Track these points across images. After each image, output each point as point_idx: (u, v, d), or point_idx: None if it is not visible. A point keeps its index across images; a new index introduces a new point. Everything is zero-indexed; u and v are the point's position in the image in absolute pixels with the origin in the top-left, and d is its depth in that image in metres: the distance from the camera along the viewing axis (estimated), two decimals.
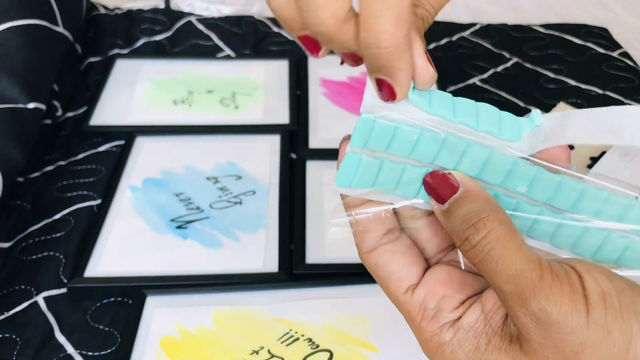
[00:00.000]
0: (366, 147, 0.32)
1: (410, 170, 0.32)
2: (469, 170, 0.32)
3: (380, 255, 0.33)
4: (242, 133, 0.74)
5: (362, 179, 0.32)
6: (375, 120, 0.31)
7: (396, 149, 0.32)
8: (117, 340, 0.53)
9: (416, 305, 0.32)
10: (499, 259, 0.28)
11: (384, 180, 0.32)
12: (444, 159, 0.32)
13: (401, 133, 0.31)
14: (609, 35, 0.95)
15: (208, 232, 0.61)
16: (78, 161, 0.72)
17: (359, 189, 0.33)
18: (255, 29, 0.96)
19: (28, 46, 0.71)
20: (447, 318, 0.31)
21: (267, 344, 0.51)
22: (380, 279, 0.33)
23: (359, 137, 0.32)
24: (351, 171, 0.33)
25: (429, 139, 0.31)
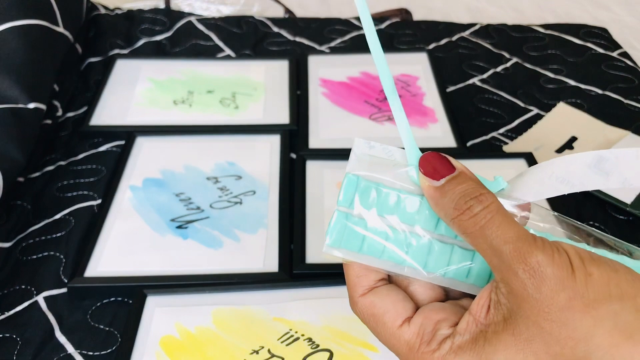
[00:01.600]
0: (352, 206, 0.35)
1: (396, 235, 0.35)
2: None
3: (375, 294, 0.35)
4: (242, 133, 0.74)
5: (351, 241, 0.35)
6: (359, 178, 0.35)
7: (380, 208, 0.35)
8: (117, 340, 0.53)
9: (414, 332, 0.33)
10: (500, 224, 0.31)
11: (369, 244, 0.35)
12: (424, 220, 0.35)
13: (382, 194, 0.35)
14: (608, 35, 0.95)
15: (208, 232, 0.61)
16: (78, 161, 0.72)
17: (348, 253, 0.35)
18: (255, 29, 0.96)
19: (28, 46, 0.71)
20: (444, 334, 0.33)
21: (267, 344, 0.51)
22: (375, 317, 0.35)
23: (346, 195, 0.35)
24: (340, 231, 0.35)
25: (408, 201, 0.35)
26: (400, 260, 0.35)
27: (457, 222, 0.33)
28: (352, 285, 0.36)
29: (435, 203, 0.34)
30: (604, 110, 0.80)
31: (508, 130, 0.77)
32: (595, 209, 0.66)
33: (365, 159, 0.35)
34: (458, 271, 0.35)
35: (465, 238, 0.33)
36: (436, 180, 0.34)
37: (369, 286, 0.35)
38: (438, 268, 0.35)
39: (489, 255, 0.31)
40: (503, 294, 0.31)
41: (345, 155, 0.70)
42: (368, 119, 0.76)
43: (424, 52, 0.88)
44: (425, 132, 0.74)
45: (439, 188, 0.34)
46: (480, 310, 0.32)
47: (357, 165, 0.35)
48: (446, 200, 0.33)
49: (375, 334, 0.35)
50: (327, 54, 0.90)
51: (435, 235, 0.35)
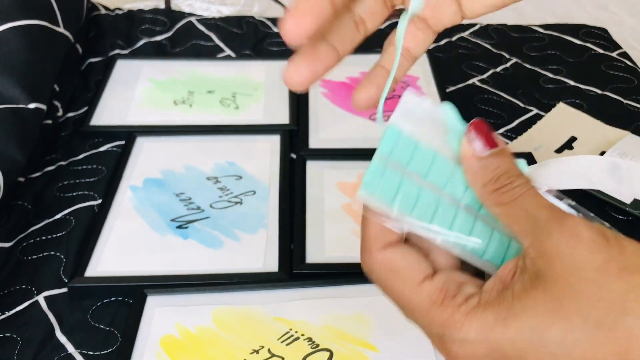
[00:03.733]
0: (391, 158, 0.35)
1: (426, 194, 0.34)
2: None
3: (396, 249, 0.34)
4: (243, 133, 0.74)
5: (385, 190, 0.34)
6: (401, 132, 0.35)
7: (415, 167, 0.34)
8: (117, 339, 0.53)
9: (437, 287, 0.33)
10: (536, 195, 0.32)
11: (402, 197, 0.34)
12: (453, 187, 0.35)
13: (420, 152, 0.34)
14: (608, 35, 0.96)
15: (208, 232, 0.61)
16: (79, 161, 0.72)
17: (380, 203, 0.34)
18: (255, 29, 0.96)
19: (29, 46, 0.71)
20: (470, 292, 0.32)
21: (267, 344, 0.51)
22: (394, 271, 0.34)
23: (386, 146, 0.35)
24: (376, 179, 0.34)
25: (441, 165, 0.35)
26: (428, 219, 0.34)
27: (495, 194, 0.33)
28: (372, 238, 0.35)
29: (473, 172, 0.34)
30: (604, 110, 0.80)
31: (508, 131, 0.77)
32: (594, 208, 0.66)
33: (410, 114, 0.35)
34: (477, 246, 0.35)
35: (497, 209, 0.33)
36: (481, 150, 0.34)
37: (389, 242, 0.34)
38: (460, 237, 0.35)
39: (521, 221, 0.31)
40: (531, 259, 0.31)
41: (345, 155, 0.70)
42: (368, 119, 0.76)
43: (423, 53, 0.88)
44: None
45: (481, 159, 0.33)
46: (507, 274, 0.32)
47: (401, 118, 0.35)
48: (486, 172, 0.33)
49: (389, 291, 0.34)
50: None
51: (460, 204, 0.35)
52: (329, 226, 0.62)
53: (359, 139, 0.73)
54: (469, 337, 0.31)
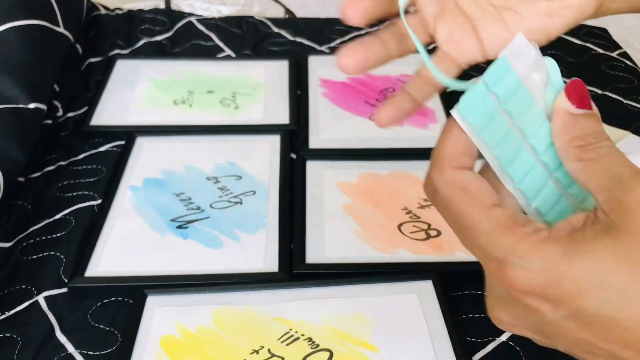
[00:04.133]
0: (493, 88, 0.34)
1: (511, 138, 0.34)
2: None
3: (469, 172, 0.34)
4: (242, 133, 0.74)
5: (478, 118, 0.34)
6: (510, 66, 0.34)
7: (511, 106, 0.34)
8: (117, 339, 0.53)
9: (507, 214, 0.32)
10: (621, 155, 0.33)
11: (491, 131, 0.34)
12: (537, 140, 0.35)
13: (519, 93, 0.34)
14: (608, 35, 0.96)
15: (208, 232, 0.61)
16: (79, 161, 0.72)
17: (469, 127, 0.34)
18: (255, 29, 0.96)
19: (29, 46, 0.71)
20: (541, 225, 0.32)
21: (267, 344, 0.51)
22: (466, 191, 0.33)
23: (492, 75, 0.34)
24: (473, 104, 0.34)
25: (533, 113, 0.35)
26: (506, 163, 0.34)
27: (578, 149, 0.33)
28: (448, 157, 0.34)
29: (563, 127, 0.34)
30: (604, 110, 0.78)
31: None
32: None
33: (519, 55, 0.35)
34: (543, 204, 0.35)
35: (577, 165, 0.33)
36: (576, 108, 0.34)
37: (464, 164, 0.34)
38: (529, 190, 0.35)
39: (600, 178, 0.31)
40: (604, 212, 0.31)
41: (345, 155, 0.70)
42: (368, 119, 0.76)
43: None
44: (425, 132, 0.74)
45: (574, 115, 0.34)
46: (578, 220, 0.31)
47: (511, 55, 0.35)
48: (576, 129, 0.34)
49: (455, 211, 0.33)
50: (327, 54, 0.90)
51: (538, 159, 0.35)
52: (329, 226, 0.62)
53: (359, 139, 0.73)
54: (532, 266, 0.30)
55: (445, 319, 0.52)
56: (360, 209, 0.64)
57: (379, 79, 0.83)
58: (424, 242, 0.60)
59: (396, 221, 0.62)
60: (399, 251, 0.59)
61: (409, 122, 0.76)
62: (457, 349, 0.50)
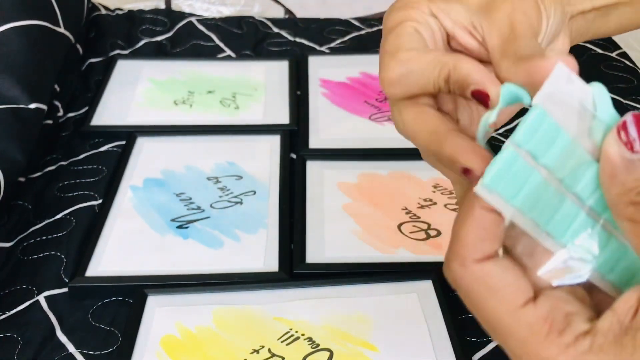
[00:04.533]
0: (527, 147, 0.28)
1: (550, 192, 0.29)
2: None
3: (496, 264, 0.29)
4: (243, 133, 0.74)
5: (510, 187, 0.28)
6: (547, 115, 0.28)
7: (549, 159, 0.28)
8: (118, 339, 0.53)
9: (541, 315, 0.28)
10: None
11: (526, 194, 0.28)
12: (582, 185, 0.29)
13: (559, 142, 0.28)
14: None
15: (209, 232, 0.61)
16: (79, 161, 0.72)
17: (499, 201, 0.28)
18: (255, 29, 0.96)
19: (29, 47, 0.71)
20: (582, 329, 0.27)
21: (268, 343, 0.51)
22: (491, 289, 0.29)
23: (526, 132, 0.28)
24: (503, 172, 0.28)
25: (577, 157, 0.29)
26: (544, 222, 0.29)
27: (631, 207, 0.27)
28: (470, 245, 0.29)
29: (613, 174, 0.28)
30: None
31: (507, 131, 0.77)
32: None
33: (558, 93, 0.28)
34: (604, 263, 0.29)
35: (628, 225, 0.28)
36: (631, 151, 0.27)
37: (488, 254, 0.29)
38: (580, 248, 0.29)
39: None
40: None
41: (345, 155, 0.70)
42: (368, 119, 0.76)
43: None
44: None
45: (629, 161, 0.27)
46: (628, 312, 0.27)
47: (548, 99, 0.28)
48: (630, 179, 0.27)
49: (481, 310, 0.29)
50: (327, 55, 0.90)
51: (585, 206, 0.29)
52: (329, 226, 0.62)
53: (359, 139, 0.73)
54: None
55: (445, 319, 0.52)
56: (360, 209, 0.64)
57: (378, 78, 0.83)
58: (423, 242, 0.60)
59: (396, 221, 0.62)
60: (399, 251, 0.59)
61: None
62: (457, 349, 0.50)
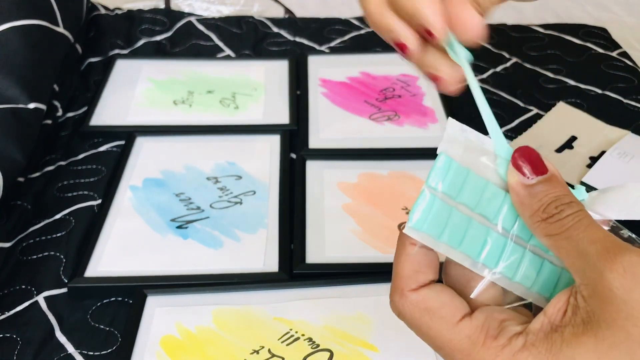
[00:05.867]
0: (441, 189, 0.33)
1: (475, 226, 0.33)
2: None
3: (430, 289, 0.33)
4: (242, 133, 0.74)
5: (434, 225, 0.33)
6: (452, 160, 0.33)
7: (465, 197, 0.33)
8: (117, 339, 0.53)
9: (477, 326, 0.31)
10: (587, 226, 0.30)
11: (451, 230, 0.33)
12: (503, 217, 0.33)
13: (470, 181, 0.33)
14: (608, 35, 0.96)
15: (208, 232, 0.61)
16: (78, 161, 0.72)
17: (427, 238, 0.33)
18: (255, 29, 0.96)
19: (28, 46, 0.71)
20: (514, 330, 0.31)
21: (268, 344, 0.51)
22: (430, 311, 0.32)
23: (437, 176, 0.33)
24: (425, 213, 0.32)
25: (491, 194, 0.33)
26: (476, 254, 0.33)
27: (543, 224, 0.31)
28: (405, 277, 0.33)
29: (521, 201, 0.32)
30: (604, 109, 0.80)
31: (508, 130, 0.77)
32: None
33: (458, 142, 0.33)
34: (525, 276, 0.33)
35: (547, 240, 0.31)
36: (528, 178, 0.32)
37: (423, 283, 0.33)
38: (508, 269, 0.33)
39: (571, 256, 0.30)
40: (584, 297, 0.29)
41: (345, 155, 0.70)
42: (368, 119, 0.76)
43: None
44: (425, 132, 0.74)
45: (528, 187, 0.32)
46: (556, 313, 0.30)
47: (450, 147, 0.33)
48: (534, 201, 0.31)
49: (425, 332, 0.32)
50: (327, 54, 0.90)
51: (510, 235, 0.33)
52: (329, 226, 0.62)
53: (359, 139, 0.73)
54: None
55: None
56: (360, 209, 0.64)
57: (378, 78, 0.83)
58: None
59: (396, 221, 0.62)
60: None
61: (408, 122, 0.76)
62: None
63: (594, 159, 0.71)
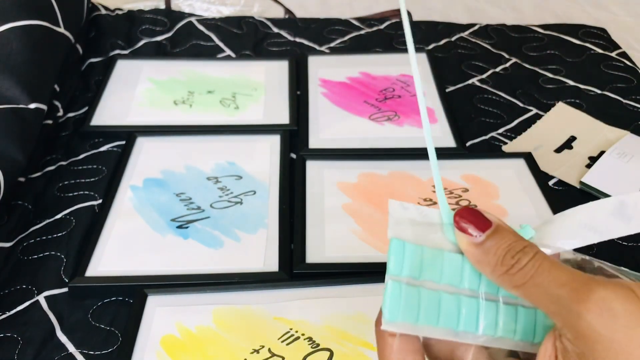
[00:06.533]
0: (403, 274, 0.33)
1: (446, 299, 0.33)
2: None
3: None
4: (242, 133, 0.74)
5: (407, 311, 0.33)
6: (405, 243, 0.33)
7: (428, 274, 0.33)
8: (118, 339, 0.53)
9: None
10: (550, 270, 0.30)
11: (425, 310, 0.33)
12: (468, 280, 0.34)
13: (427, 257, 0.33)
14: (607, 35, 0.96)
15: (209, 232, 0.61)
16: (79, 161, 0.72)
17: (405, 326, 0.33)
18: (255, 29, 0.96)
19: (29, 47, 0.71)
20: None
21: (268, 343, 0.51)
22: None
23: (396, 262, 0.33)
24: (395, 303, 0.33)
25: (450, 262, 0.33)
26: (454, 324, 0.33)
27: (506, 277, 0.31)
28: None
29: (478, 260, 0.32)
30: (603, 110, 0.80)
31: (507, 130, 0.77)
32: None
33: (404, 222, 0.34)
34: (506, 328, 0.33)
35: (515, 291, 0.31)
36: (474, 237, 0.32)
37: None
38: (488, 328, 0.33)
39: (544, 303, 0.30)
40: (569, 340, 0.29)
41: (345, 155, 0.71)
42: (368, 119, 0.76)
43: (423, 53, 0.88)
44: None
45: (479, 245, 0.32)
46: (548, 356, 0.30)
47: (398, 229, 0.34)
48: (490, 257, 0.32)
49: None
50: (327, 54, 0.90)
51: (480, 294, 0.34)
52: (329, 226, 0.62)
53: (359, 139, 0.73)
54: None
55: None
56: (360, 208, 0.64)
57: (378, 78, 0.83)
58: None
59: None
60: None
61: (408, 122, 0.76)
62: None
63: (593, 159, 0.71)
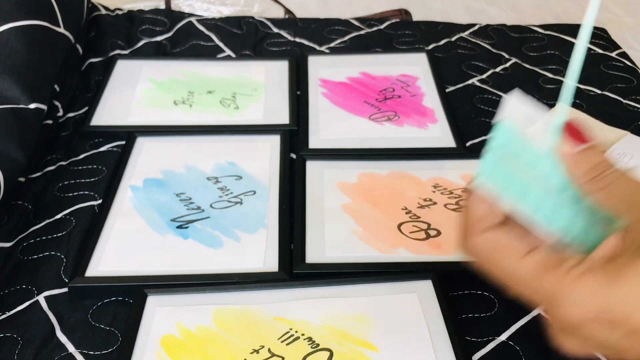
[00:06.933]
0: (504, 151, 0.38)
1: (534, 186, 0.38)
2: None
3: (498, 229, 0.37)
4: (243, 133, 0.74)
5: (499, 179, 0.37)
6: (512, 129, 0.38)
7: (525, 158, 0.38)
8: (118, 339, 0.53)
9: (543, 257, 0.35)
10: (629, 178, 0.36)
11: (514, 186, 0.38)
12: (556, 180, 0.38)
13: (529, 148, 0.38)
14: (607, 35, 0.96)
15: (208, 232, 0.61)
16: (79, 161, 0.72)
17: (494, 189, 0.37)
18: (255, 29, 0.96)
19: (29, 47, 0.71)
20: (573, 262, 0.34)
21: (268, 343, 0.51)
22: (499, 248, 0.36)
23: (500, 140, 0.38)
24: (490, 168, 0.37)
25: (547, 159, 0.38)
26: (534, 210, 0.38)
27: (593, 182, 0.36)
28: (477, 219, 0.37)
29: (572, 165, 0.37)
30: (603, 110, 0.80)
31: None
32: None
33: (518, 111, 0.38)
34: (579, 233, 0.38)
35: (597, 194, 0.36)
36: (576, 146, 0.37)
37: (492, 224, 0.37)
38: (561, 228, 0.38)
39: (621, 202, 0.35)
40: (634, 231, 0.33)
41: (345, 155, 0.71)
42: (368, 119, 0.76)
43: (423, 53, 0.88)
44: (425, 132, 0.74)
45: (577, 154, 0.37)
46: (611, 247, 0.34)
47: (511, 115, 0.38)
48: (582, 164, 0.37)
49: (494, 268, 0.37)
50: (327, 54, 0.90)
51: (562, 197, 0.38)
52: (329, 226, 0.62)
53: (359, 139, 0.73)
54: (581, 298, 0.33)
55: (445, 319, 0.52)
56: (360, 209, 0.64)
57: (378, 78, 0.83)
58: (423, 241, 0.60)
59: (396, 221, 0.62)
60: (399, 251, 0.59)
61: (408, 122, 0.76)
62: (457, 349, 0.50)
63: None
